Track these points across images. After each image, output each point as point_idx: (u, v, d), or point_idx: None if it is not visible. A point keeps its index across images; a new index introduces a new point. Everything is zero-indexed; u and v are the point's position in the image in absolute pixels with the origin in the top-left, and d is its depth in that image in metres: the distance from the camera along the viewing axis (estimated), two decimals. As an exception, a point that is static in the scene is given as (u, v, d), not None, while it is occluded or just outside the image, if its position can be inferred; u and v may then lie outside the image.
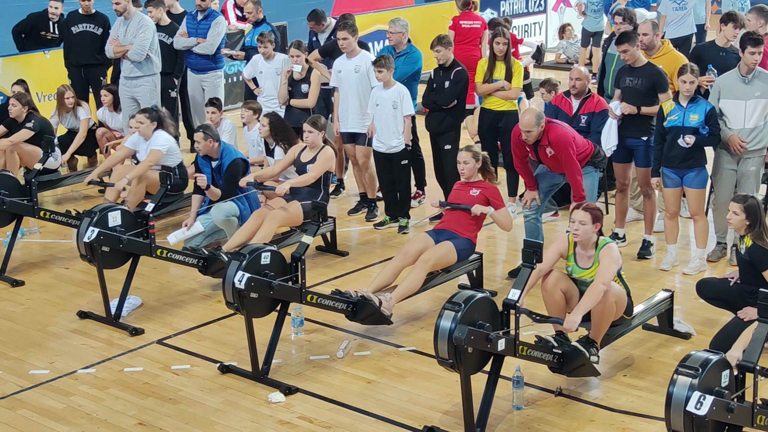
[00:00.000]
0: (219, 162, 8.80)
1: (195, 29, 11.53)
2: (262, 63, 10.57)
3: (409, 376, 6.87)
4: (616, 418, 6.26)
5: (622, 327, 6.89)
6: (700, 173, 8.25)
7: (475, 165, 7.90)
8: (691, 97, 8.15)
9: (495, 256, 9.08)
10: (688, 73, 8.12)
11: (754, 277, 6.89)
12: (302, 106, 10.08)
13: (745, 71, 8.17)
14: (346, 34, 9.64)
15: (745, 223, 6.95)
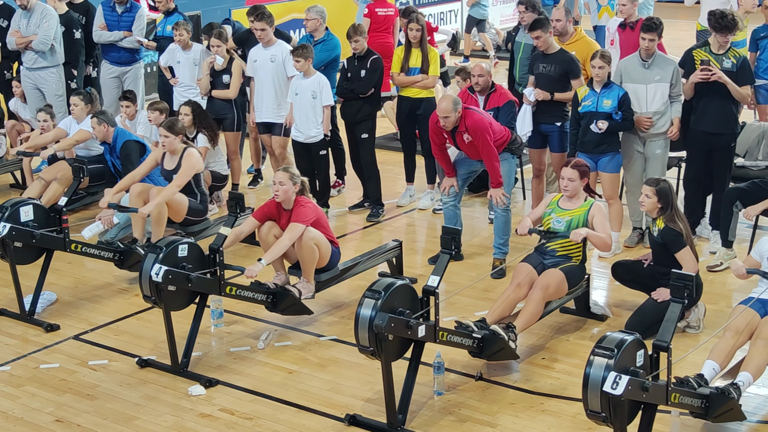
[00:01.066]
0: (112, 145, 8.70)
1: (117, 22, 11.29)
2: (180, 53, 10.42)
3: (330, 365, 6.86)
4: (536, 401, 6.34)
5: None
6: (614, 158, 8.39)
7: (293, 188, 7.27)
8: (605, 82, 8.28)
9: (415, 243, 9.12)
10: (598, 58, 8.24)
11: (666, 259, 7.03)
12: (224, 97, 9.97)
13: (644, 56, 8.30)
14: (263, 25, 9.57)
15: (657, 206, 7.08)
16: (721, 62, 8.20)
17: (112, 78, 11.39)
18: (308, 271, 7.29)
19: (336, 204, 10.02)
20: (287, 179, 7.26)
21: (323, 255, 7.34)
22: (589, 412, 5.27)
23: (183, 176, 8.31)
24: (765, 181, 8.18)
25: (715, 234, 8.49)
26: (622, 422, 5.25)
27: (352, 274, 7.76)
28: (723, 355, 6.03)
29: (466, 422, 6.10)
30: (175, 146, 8.42)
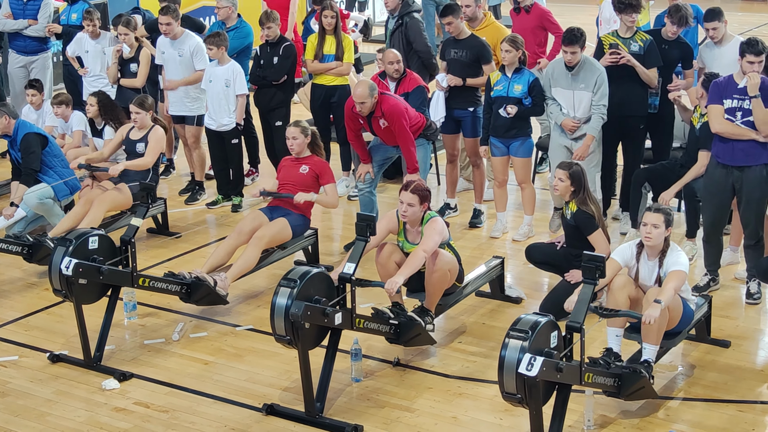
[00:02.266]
0: (13, 138, 8.54)
1: (22, 10, 11.00)
2: (88, 42, 10.21)
3: (247, 355, 6.81)
4: (453, 384, 6.38)
5: (455, 295, 7.02)
6: (525, 142, 8.46)
7: (305, 140, 7.86)
8: (516, 68, 8.34)
9: (331, 231, 9.10)
10: (506, 42, 8.29)
11: (579, 241, 7.12)
12: (132, 86, 9.80)
13: (568, 65, 8.18)
14: (169, 19, 9.43)
15: (570, 189, 7.16)
16: (629, 46, 8.32)
17: (18, 68, 11.13)
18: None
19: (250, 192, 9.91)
20: (299, 133, 7.78)
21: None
22: (505, 394, 5.32)
23: (152, 152, 8.55)
24: (672, 163, 8.34)
25: (625, 215, 8.64)
26: (537, 403, 5.31)
27: (267, 263, 7.71)
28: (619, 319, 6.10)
29: (384, 408, 6.11)
30: (146, 122, 8.63)
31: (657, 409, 6.01)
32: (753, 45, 6.99)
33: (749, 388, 6.24)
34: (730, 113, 7.13)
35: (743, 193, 7.21)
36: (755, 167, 7.14)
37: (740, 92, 7.06)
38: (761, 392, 6.22)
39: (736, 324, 7.09)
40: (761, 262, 7.05)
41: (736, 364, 6.54)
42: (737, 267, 7.88)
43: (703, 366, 6.52)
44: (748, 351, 6.72)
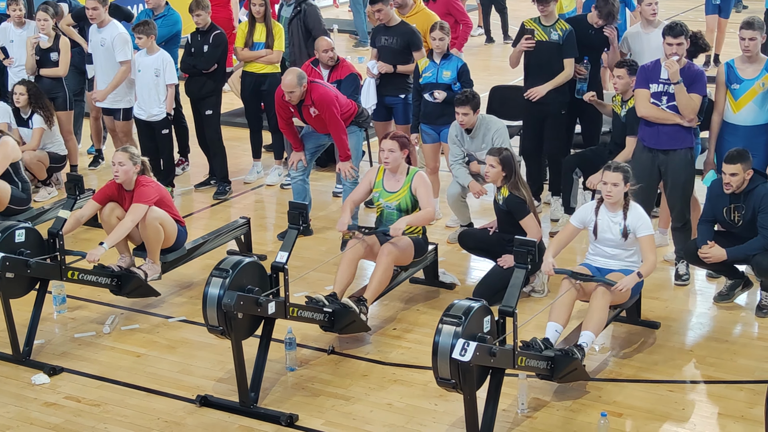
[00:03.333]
0: None
1: None
2: (12, 30, 9.99)
3: (179, 346, 6.75)
4: (388, 371, 6.39)
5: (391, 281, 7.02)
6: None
7: (133, 168, 7.09)
8: (444, 54, 8.36)
9: (264, 220, 9.05)
10: (437, 30, 8.31)
11: (511, 226, 7.17)
12: (53, 75, 9.62)
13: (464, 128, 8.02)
14: (95, 3, 9.26)
15: (502, 174, 7.21)
16: (549, 34, 8.36)
17: None
18: (154, 252, 7.14)
19: (181, 182, 9.84)
20: (127, 159, 7.07)
21: (169, 235, 7.20)
22: (440, 380, 5.34)
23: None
24: (601, 148, 8.43)
25: (555, 200, 8.72)
26: (471, 388, 5.34)
27: (199, 253, 7.64)
28: (562, 314, 6.20)
29: (319, 396, 6.10)
30: None
31: (590, 390, 6.09)
32: (672, 27, 7.11)
33: (678, 368, 6.35)
34: (656, 98, 7.23)
35: (669, 176, 7.32)
36: (680, 151, 7.26)
37: (666, 78, 7.17)
38: (690, 372, 6.33)
39: (665, 305, 7.21)
40: (689, 244, 7.17)
41: (666, 344, 6.65)
42: (666, 249, 8.01)
43: (634, 347, 6.62)
44: (677, 332, 6.84)
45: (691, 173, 7.36)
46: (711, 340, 6.72)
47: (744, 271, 7.23)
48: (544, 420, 5.79)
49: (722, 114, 7.48)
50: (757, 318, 6.96)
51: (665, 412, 5.85)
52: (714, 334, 6.80)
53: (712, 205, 7.01)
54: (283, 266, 6.10)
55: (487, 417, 5.50)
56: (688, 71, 7.15)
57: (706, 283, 7.55)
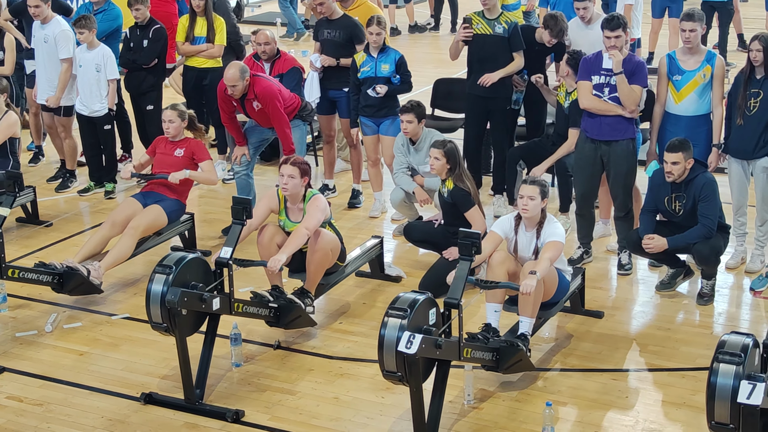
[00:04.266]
0: None
1: None
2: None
3: (123, 344, 6.67)
4: (335, 365, 6.38)
5: (336, 275, 7.01)
6: (395, 122, 8.48)
7: (181, 124, 7.72)
8: (381, 47, 8.35)
9: (208, 215, 8.97)
10: (374, 24, 8.30)
11: (456, 219, 7.20)
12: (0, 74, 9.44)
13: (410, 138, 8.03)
14: (37, 2, 9.09)
15: (446, 167, 7.23)
16: (494, 27, 8.38)
17: None
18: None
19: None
20: (176, 116, 7.64)
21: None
22: (386, 373, 5.34)
23: None
24: (544, 140, 8.49)
25: (497, 198, 8.73)
26: (417, 380, 5.34)
27: (143, 250, 7.57)
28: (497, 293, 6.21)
29: (266, 392, 6.07)
30: None
31: (535, 380, 6.13)
32: (609, 21, 7.17)
33: (622, 357, 6.42)
34: (598, 89, 7.29)
35: (611, 166, 7.39)
36: (622, 141, 7.33)
37: (607, 69, 7.23)
38: (633, 360, 6.40)
39: (608, 295, 7.28)
40: (631, 233, 7.24)
41: (609, 333, 6.71)
42: (609, 239, 8.09)
43: (578, 337, 6.67)
44: (620, 321, 6.91)
45: (633, 163, 7.43)
46: (654, 328, 6.80)
47: (685, 260, 7.33)
48: (490, 410, 5.82)
49: (664, 105, 7.57)
50: (698, 306, 7.06)
51: (609, 401, 5.91)
52: (656, 323, 6.88)
53: (653, 194, 7.09)
54: (228, 261, 6.05)
55: (433, 409, 5.50)
56: (629, 62, 7.22)
57: (649, 272, 7.64)
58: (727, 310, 7.01)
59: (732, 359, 4.77)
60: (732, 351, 4.80)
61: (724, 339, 4.90)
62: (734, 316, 6.96)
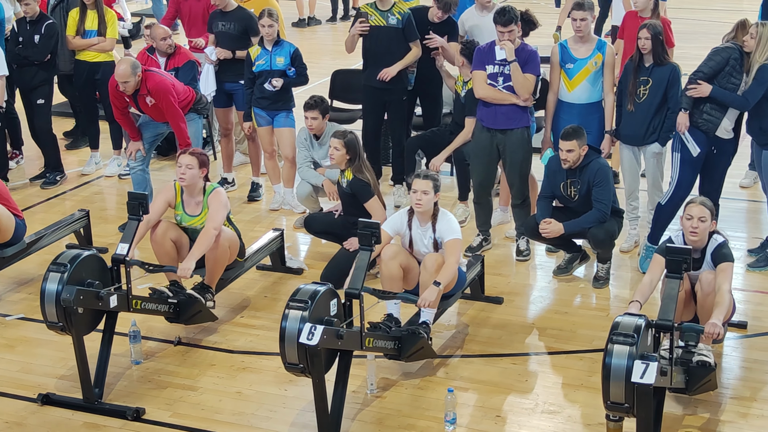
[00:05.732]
0: None
1: None
2: None
3: (18, 345, 6.52)
4: (236, 359, 6.34)
5: (236, 270, 6.96)
6: (290, 115, 8.44)
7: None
8: (275, 40, 8.31)
9: (104, 212, 8.82)
10: (266, 17, 8.25)
11: (356, 209, 7.21)
12: None
13: None
14: None
15: (346, 157, 7.23)
16: (387, 19, 8.40)
17: None
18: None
19: (16, 176, 9.49)
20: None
21: (6, 228, 6.93)
22: (288, 365, 5.33)
23: None
24: (442, 129, 8.56)
25: (397, 188, 8.77)
26: (319, 371, 5.33)
27: (38, 248, 7.40)
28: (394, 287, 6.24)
29: (167, 388, 6.00)
30: None
31: (437, 368, 6.18)
32: (501, 15, 7.23)
33: (521, 342, 6.52)
34: (492, 78, 7.38)
35: (507, 155, 7.49)
36: (517, 130, 7.43)
37: (501, 59, 7.32)
38: (532, 344, 6.50)
39: (507, 281, 7.38)
40: (529, 220, 7.36)
41: (509, 319, 6.81)
42: (507, 226, 8.20)
43: (479, 323, 6.76)
44: (519, 306, 7.01)
45: (528, 151, 7.54)
46: (552, 312, 6.93)
47: (581, 244, 7.47)
48: (393, 399, 5.86)
49: (557, 93, 7.69)
50: (595, 289, 7.21)
51: (509, 384, 5.99)
52: (554, 307, 7.01)
53: (549, 181, 7.21)
54: (124, 258, 5.96)
55: (336, 399, 5.51)
56: (522, 52, 7.32)
57: (546, 257, 7.77)
58: (622, 292, 7.18)
59: (625, 340, 4.89)
60: (625, 332, 4.92)
61: (618, 321, 5.03)
62: (628, 298, 7.08)
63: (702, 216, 5.81)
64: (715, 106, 7.06)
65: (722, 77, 7.03)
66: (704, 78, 7.05)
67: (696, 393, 5.55)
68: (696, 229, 5.81)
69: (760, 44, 6.92)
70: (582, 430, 5.52)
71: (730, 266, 5.76)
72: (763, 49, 6.94)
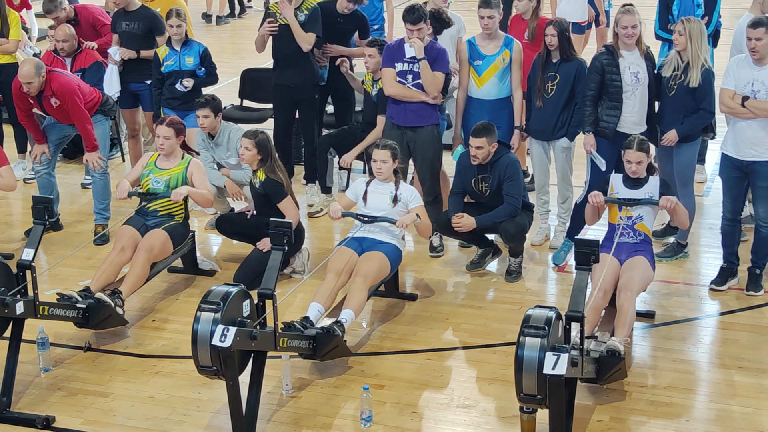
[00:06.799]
0: None
1: None
2: None
3: None
4: (148, 363, 6.24)
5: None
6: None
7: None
8: (183, 40, 8.22)
9: (9, 217, 8.63)
10: (174, 17, 8.16)
11: (269, 209, 7.15)
12: None
13: None
14: None
15: (257, 157, 7.18)
16: (296, 16, 8.36)
17: None
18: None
19: None
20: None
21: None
22: (201, 368, 5.27)
23: None
24: (354, 127, 8.55)
25: (310, 187, 8.73)
26: (233, 373, 5.28)
27: (-61, 257, 7.18)
28: (326, 296, 6.27)
29: (77, 395, 5.88)
30: None
31: (352, 366, 6.17)
32: (410, 13, 7.24)
33: (436, 337, 6.54)
34: (402, 76, 7.39)
35: (417, 152, 7.52)
36: (426, 127, 7.46)
37: (411, 56, 7.33)
38: (447, 339, 6.54)
39: (422, 277, 7.41)
40: (441, 216, 7.39)
41: (424, 314, 6.83)
42: (420, 223, 8.22)
43: (393, 320, 6.77)
44: (433, 302, 7.04)
45: (438, 148, 7.58)
46: (465, 307, 6.97)
47: (493, 239, 7.54)
48: (309, 398, 5.83)
49: (466, 90, 7.74)
50: (507, 283, 7.28)
51: (425, 380, 6.01)
52: (468, 302, 7.05)
53: (461, 177, 7.26)
54: (30, 264, 5.82)
55: (251, 401, 5.46)
56: (431, 50, 7.34)
57: (459, 253, 7.82)
58: (534, 285, 7.26)
59: (537, 332, 4.94)
60: (536, 324, 4.98)
61: (529, 313, 5.08)
62: (540, 291, 7.22)
63: (639, 161, 6.30)
64: (612, 106, 7.16)
65: (606, 84, 7.15)
66: (595, 96, 7.18)
67: (607, 382, 5.65)
68: (636, 172, 6.32)
69: (693, 40, 7.04)
70: (497, 422, 5.57)
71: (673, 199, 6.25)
72: (699, 43, 7.04)
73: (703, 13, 8.51)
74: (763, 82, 6.64)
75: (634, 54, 7.15)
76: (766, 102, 6.64)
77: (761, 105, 6.64)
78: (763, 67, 6.65)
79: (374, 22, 9.90)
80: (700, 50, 6.98)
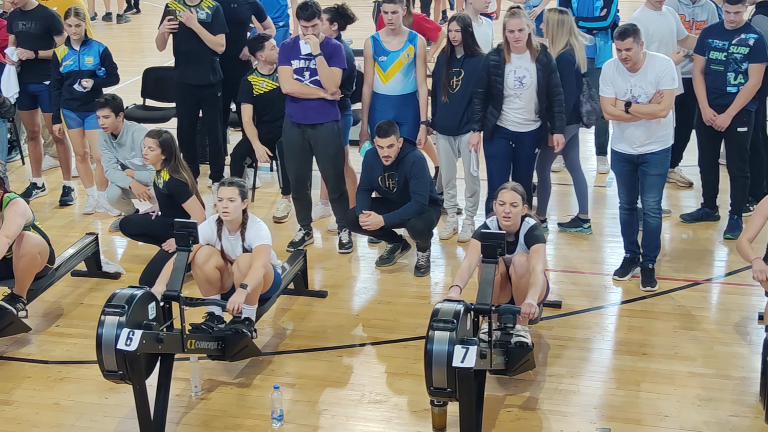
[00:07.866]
0: None
1: None
2: None
3: None
4: (53, 370, 6.11)
5: (48, 277, 6.70)
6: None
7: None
8: (83, 40, 8.07)
9: None
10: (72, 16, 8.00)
11: (174, 210, 7.05)
12: None
13: None
14: None
15: (161, 157, 7.07)
16: (196, 14, 8.25)
17: None
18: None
19: None
20: None
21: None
22: (106, 372, 5.18)
23: None
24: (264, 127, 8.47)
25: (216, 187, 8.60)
26: (140, 377, 5.20)
27: None
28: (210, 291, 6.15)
29: (-21, 406, 5.74)
30: None
31: (262, 365, 6.13)
32: (303, 9, 7.17)
33: (346, 334, 6.54)
34: (299, 73, 7.32)
35: (318, 150, 7.48)
36: (327, 124, 7.42)
37: (307, 53, 7.29)
38: (358, 335, 6.53)
39: (331, 274, 7.39)
40: (349, 213, 7.38)
41: (334, 312, 6.82)
42: (329, 220, 8.21)
43: (303, 318, 6.74)
44: (343, 299, 7.04)
45: (339, 145, 7.55)
46: (376, 303, 6.98)
47: (402, 234, 7.56)
48: (219, 400, 5.77)
49: (372, 86, 7.74)
50: (416, 277, 7.31)
51: (337, 377, 6.00)
52: (378, 297, 7.06)
53: (368, 174, 7.26)
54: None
55: (159, 404, 5.39)
56: (327, 45, 7.29)
57: (368, 248, 7.83)
58: (443, 279, 7.30)
59: (445, 326, 4.97)
60: (445, 318, 5.01)
61: (438, 307, 5.11)
62: (449, 285, 7.24)
63: (513, 201, 5.95)
64: (494, 105, 7.25)
65: (491, 85, 7.22)
66: (484, 93, 7.26)
67: (516, 373, 5.71)
68: (509, 214, 5.95)
69: (549, 30, 7.15)
70: (408, 417, 5.59)
71: (542, 247, 5.93)
72: (560, 36, 7.15)
73: (602, 5, 8.65)
74: (641, 87, 6.76)
75: (523, 57, 7.15)
76: (648, 105, 6.77)
77: (644, 109, 6.77)
78: (637, 72, 6.77)
79: (279, 19, 9.86)
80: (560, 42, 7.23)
